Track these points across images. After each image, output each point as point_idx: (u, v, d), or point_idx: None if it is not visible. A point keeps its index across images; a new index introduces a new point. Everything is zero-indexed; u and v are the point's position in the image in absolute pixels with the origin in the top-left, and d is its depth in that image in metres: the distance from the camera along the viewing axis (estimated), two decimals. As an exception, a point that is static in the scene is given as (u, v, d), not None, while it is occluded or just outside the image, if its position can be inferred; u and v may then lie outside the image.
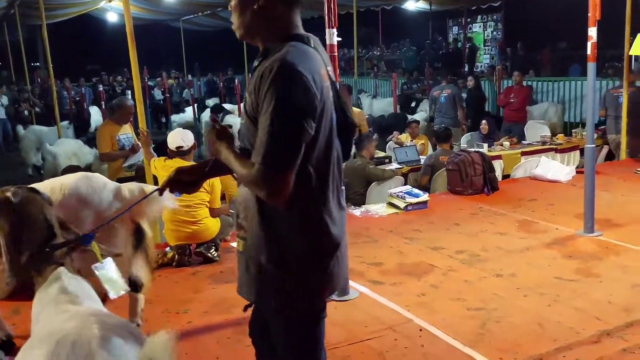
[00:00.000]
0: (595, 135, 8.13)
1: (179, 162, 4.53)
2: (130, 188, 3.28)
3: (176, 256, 4.53)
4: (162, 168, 4.53)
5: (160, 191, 1.99)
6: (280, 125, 1.59)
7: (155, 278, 4.27)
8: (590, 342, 3.07)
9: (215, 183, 4.63)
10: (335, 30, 3.49)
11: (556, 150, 7.69)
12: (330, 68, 1.82)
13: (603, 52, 12.50)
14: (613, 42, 7.59)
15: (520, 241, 4.76)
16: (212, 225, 4.60)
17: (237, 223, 1.85)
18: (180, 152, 4.60)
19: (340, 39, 3.54)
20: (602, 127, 8.72)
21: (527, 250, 4.55)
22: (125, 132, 6.35)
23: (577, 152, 7.68)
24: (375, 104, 13.91)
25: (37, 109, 14.05)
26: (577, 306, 3.51)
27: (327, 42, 3.54)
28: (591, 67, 4.47)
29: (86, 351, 1.51)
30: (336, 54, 3.58)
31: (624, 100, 7.45)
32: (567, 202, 5.65)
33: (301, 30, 1.79)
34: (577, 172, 6.63)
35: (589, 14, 4.38)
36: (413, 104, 12.94)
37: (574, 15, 4.68)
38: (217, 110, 12.06)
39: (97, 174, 3.33)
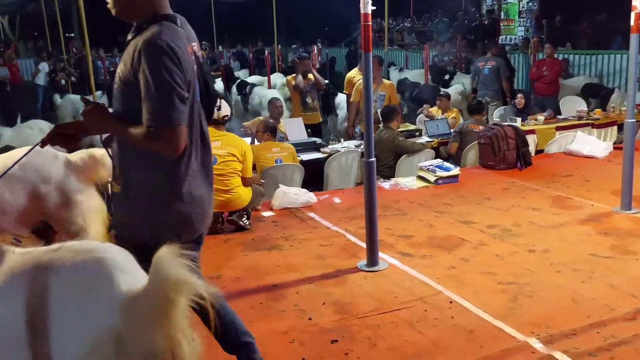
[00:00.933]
0: (635, 111, 8.00)
1: (213, 132, 4.56)
2: (80, 156, 3.26)
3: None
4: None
5: (42, 144, 2.10)
6: (163, 91, 1.92)
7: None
8: (625, 319, 3.04)
9: (247, 153, 4.67)
10: (370, -1, 3.44)
11: (593, 126, 7.51)
12: (195, 44, 2.12)
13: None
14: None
15: (554, 217, 4.69)
16: (245, 194, 4.65)
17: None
18: (221, 122, 4.65)
19: (374, 7, 3.49)
20: (640, 102, 8.48)
21: (560, 226, 4.48)
22: None
23: (615, 128, 7.48)
24: (404, 77, 13.70)
25: (73, 79, 14.26)
26: (612, 283, 3.46)
27: (362, 11, 3.50)
28: (634, 38, 4.32)
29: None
30: (369, 23, 3.53)
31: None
32: (604, 179, 5.53)
33: (169, 10, 2.08)
34: (614, 148, 6.47)
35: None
36: (447, 77, 12.59)
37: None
38: (242, 85, 12.04)
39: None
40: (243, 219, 4.62)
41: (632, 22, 4.30)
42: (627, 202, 4.62)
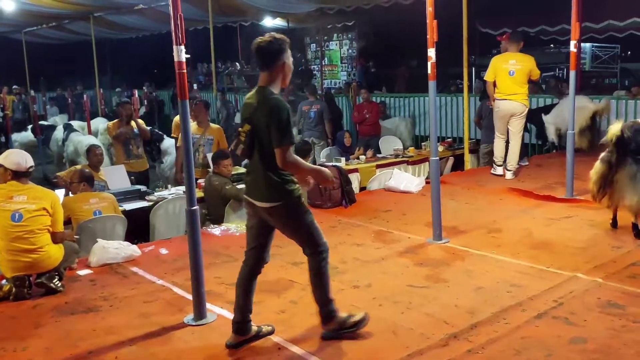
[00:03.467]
0: (442, 148, 8.86)
1: (15, 186, 4.13)
2: None
3: (14, 289, 4.09)
4: (-4, 193, 4.09)
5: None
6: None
7: (-12, 315, 3.86)
8: (439, 346, 3.23)
9: (57, 205, 4.27)
10: (183, 47, 3.38)
11: (408, 163, 8.16)
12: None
13: (448, 69, 13.57)
14: (458, 60, 8.24)
15: (376, 251, 4.93)
16: (55, 253, 4.23)
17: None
18: (26, 174, 4.21)
19: (188, 55, 3.43)
20: (449, 139, 9.44)
21: (382, 260, 4.72)
22: None
23: (427, 164, 8.18)
24: (237, 118, 13.88)
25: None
26: (427, 312, 3.68)
27: (175, 59, 3.42)
28: (432, 85, 4.78)
29: None
30: (184, 70, 3.47)
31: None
32: (418, 212, 5.96)
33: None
34: (426, 183, 7.05)
35: (427, 36, 4.69)
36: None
37: (423, 35, 5.12)
38: (65, 128, 11.25)
39: None
40: (54, 281, 4.18)
41: (429, 71, 4.76)
42: (437, 233, 5.02)
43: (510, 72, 7.13)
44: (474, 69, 13.87)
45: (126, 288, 4.27)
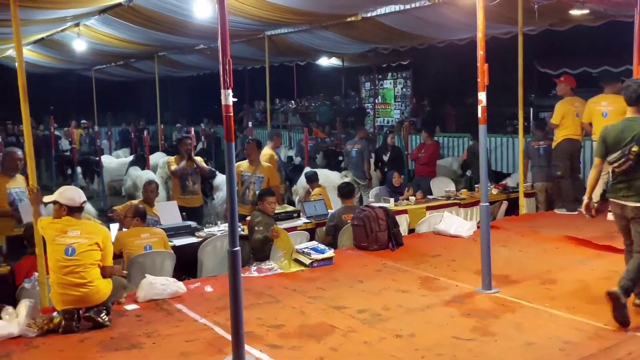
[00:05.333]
0: (496, 191, 8.64)
1: (70, 222, 4.29)
2: None
3: (63, 322, 4.20)
4: (49, 227, 4.25)
5: None
6: None
7: (39, 346, 3.97)
8: (482, 405, 3.08)
9: (107, 240, 4.39)
10: (230, 91, 3.47)
11: (460, 205, 7.97)
12: None
13: (506, 109, 13.35)
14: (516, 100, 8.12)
15: (421, 299, 4.80)
16: (104, 287, 4.32)
17: None
18: (79, 209, 4.38)
19: (235, 99, 3.52)
20: (503, 182, 9.19)
21: (427, 308, 4.58)
22: (18, 186, 6.03)
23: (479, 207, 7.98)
24: (290, 153, 14.10)
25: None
26: (472, 366, 3.53)
27: (223, 103, 3.51)
28: (482, 129, 4.69)
29: None
30: (231, 114, 3.55)
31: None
32: (468, 258, 5.79)
33: None
34: (478, 227, 6.86)
35: (478, 80, 4.63)
36: (341, 158, 12.59)
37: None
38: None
39: None
40: (102, 315, 4.27)
41: (479, 114, 4.69)
42: (487, 283, 4.84)
43: (604, 113, 7.31)
44: (531, 109, 13.59)
45: (169, 325, 4.31)
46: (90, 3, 8.05)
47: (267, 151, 8.22)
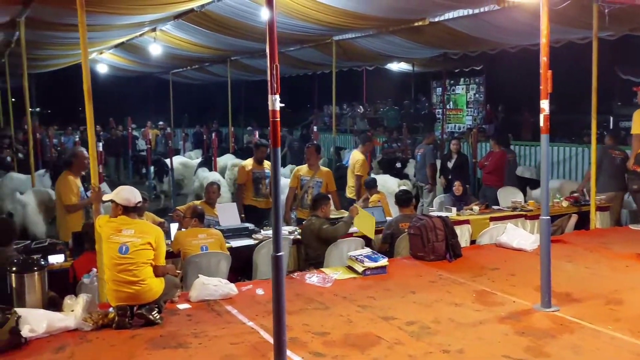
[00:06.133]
0: (567, 203, 8.21)
1: (125, 220, 4.44)
2: None
3: (116, 317, 4.35)
4: (105, 225, 4.42)
5: None
6: None
7: (92, 340, 4.14)
8: None
9: (160, 240, 4.51)
10: (277, 96, 3.47)
11: (526, 217, 7.63)
12: None
13: (585, 117, 12.69)
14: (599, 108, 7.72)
15: (474, 313, 4.61)
16: (156, 286, 4.45)
17: None
18: (134, 209, 4.53)
19: (282, 104, 3.52)
20: (575, 194, 8.72)
21: (480, 324, 4.40)
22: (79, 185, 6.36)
23: (547, 219, 7.61)
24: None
25: (20, 155, 13.94)
26: (519, 389, 3.35)
27: (270, 108, 3.51)
28: (544, 139, 4.46)
29: None
30: (278, 119, 3.55)
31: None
32: (529, 273, 5.51)
33: None
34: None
35: (540, 87, 4.40)
36: (399, 165, 12.36)
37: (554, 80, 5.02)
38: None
39: None
40: (153, 313, 4.39)
41: (541, 123, 4.45)
42: (546, 300, 4.59)
43: None
44: (611, 117, 12.86)
45: (217, 327, 4.37)
46: (162, 9, 8.35)
47: (357, 155, 8.23)
